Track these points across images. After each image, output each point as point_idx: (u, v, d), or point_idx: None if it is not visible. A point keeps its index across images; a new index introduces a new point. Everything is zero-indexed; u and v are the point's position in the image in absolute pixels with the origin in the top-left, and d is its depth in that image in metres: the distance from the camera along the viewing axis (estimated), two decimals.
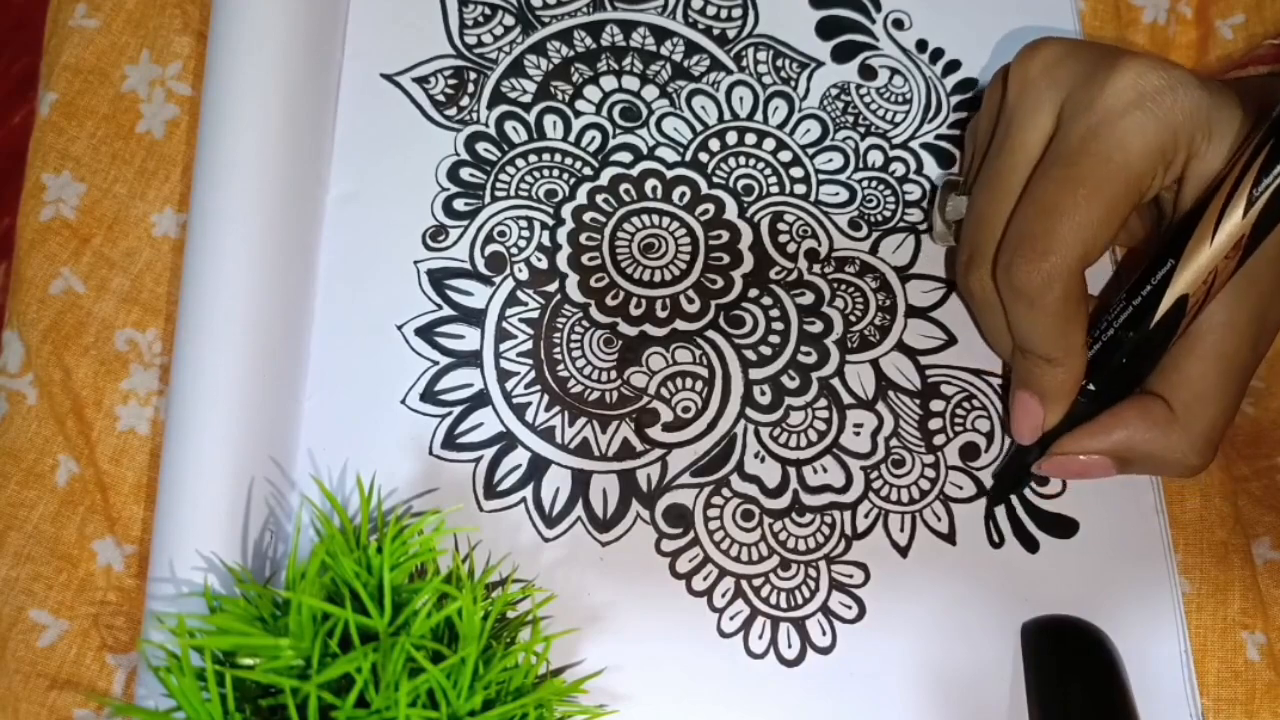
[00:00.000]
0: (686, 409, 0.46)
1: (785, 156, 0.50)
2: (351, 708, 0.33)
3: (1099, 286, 0.48)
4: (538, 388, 0.46)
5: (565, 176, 0.49)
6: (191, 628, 0.35)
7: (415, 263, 0.48)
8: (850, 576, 0.45)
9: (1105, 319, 0.42)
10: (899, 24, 0.53)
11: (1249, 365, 0.41)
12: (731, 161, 0.50)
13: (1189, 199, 0.41)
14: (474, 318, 0.47)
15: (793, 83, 0.51)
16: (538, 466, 0.45)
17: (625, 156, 0.50)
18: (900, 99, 0.52)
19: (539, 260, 0.48)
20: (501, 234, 0.48)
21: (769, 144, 0.50)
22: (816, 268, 0.48)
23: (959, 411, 0.47)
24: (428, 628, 0.35)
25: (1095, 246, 0.39)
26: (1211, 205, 0.39)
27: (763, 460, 0.46)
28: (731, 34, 0.52)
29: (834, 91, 0.51)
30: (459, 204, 0.48)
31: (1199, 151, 0.40)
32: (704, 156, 0.50)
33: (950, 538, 0.45)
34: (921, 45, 0.53)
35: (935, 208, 0.48)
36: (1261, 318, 0.41)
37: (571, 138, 0.50)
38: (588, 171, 0.49)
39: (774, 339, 0.47)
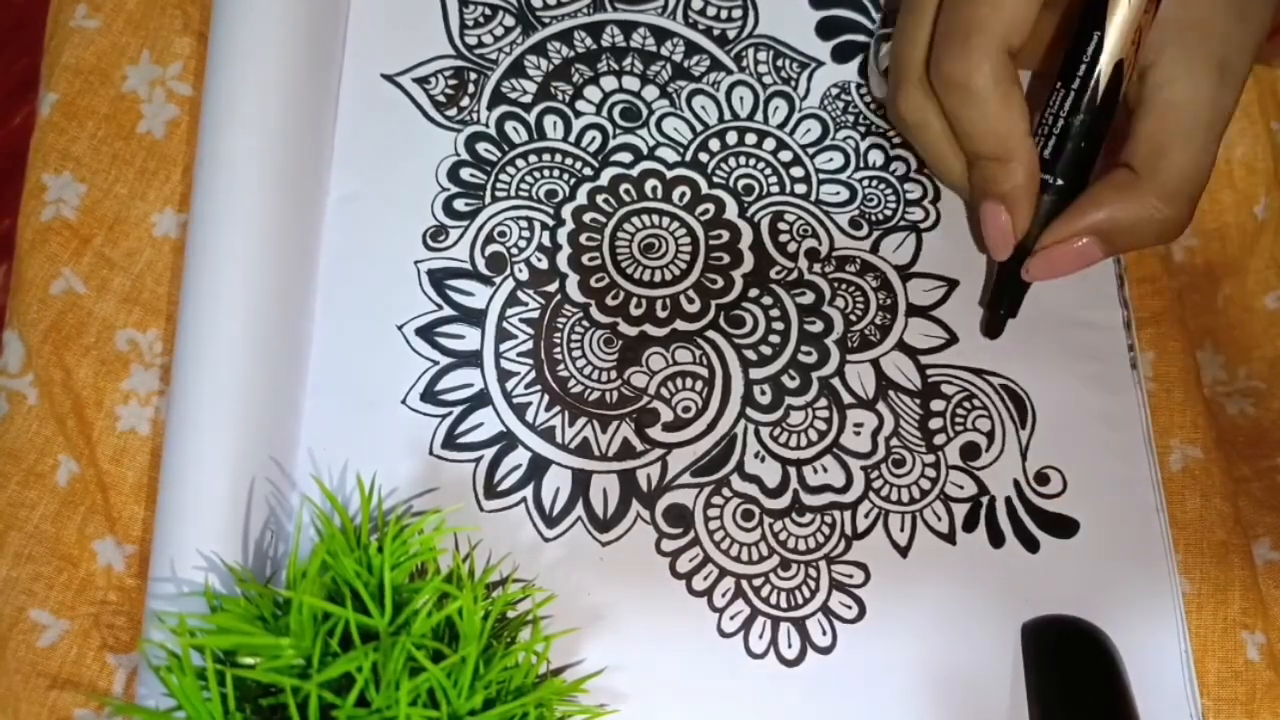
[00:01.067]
0: (687, 409, 0.46)
1: (786, 156, 0.50)
2: (352, 707, 0.33)
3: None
4: (538, 388, 0.46)
5: (565, 177, 0.49)
6: (192, 627, 0.35)
7: (416, 263, 0.48)
8: (850, 576, 0.45)
9: (1049, 111, 0.43)
10: None
11: (1212, 113, 0.41)
12: (732, 161, 0.50)
13: None
14: (474, 318, 0.47)
15: (793, 82, 0.51)
16: (538, 466, 0.45)
17: (625, 157, 0.50)
18: None
19: (539, 260, 0.48)
20: (502, 234, 0.48)
21: (769, 144, 0.50)
22: (817, 267, 0.48)
23: (959, 411, 0.47)
24: (428, 627, 0.35)
25: (1016, 23, 0.40)
26: None
27: (763, 460, 0.46)
28: (731, 34, 0.52)
29: (834, 91, 0.51)
30: (459, 204, 0.49)
31: None
32: (704, 156, 0.50)
33: (950, 538, 0.45)
34: None
35: (871, 60, 0.49)
36: (1219, 64, 0.41)
37: (572, 138, 0.50)
38: (588, 172, 0.49)
39: (774, 339, 0.47)
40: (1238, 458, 0.49)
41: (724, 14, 0.52)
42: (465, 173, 0.49)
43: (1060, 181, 0.43)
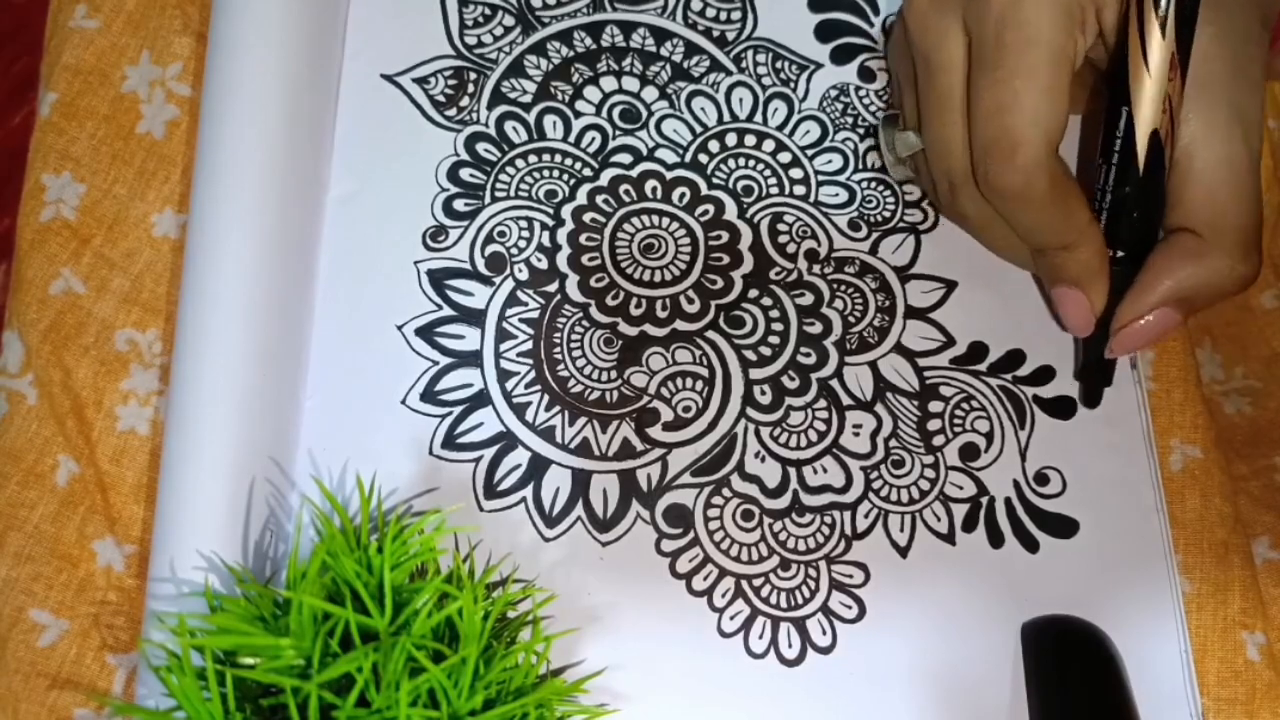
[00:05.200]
0: (687, 408, 0.46)
1: (785, 158, 0.50)
2: (352, 707, 0.33)
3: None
4: (538, 387, 0.46)
5: (565, 177, 0.49)
6: (192, 627, 0.35)
7: (415, 263, 0.48)
8: (850, 576, 0.45)
9: (1097, 187, 0.43)
10: None
11: (1248, 160, 0.41)
12: (731, 163, 0.50)
13: (1114, 45, 0.42)
14: (474, 318, 0.47)
15: (792, 84, 0.51)
16: (538, 466, 0.45)
17: (625, 158, 0.50)
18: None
19: (539, 260, 0.48)
20: (501, 234, 0.48)
21: (768, 145, 0.50)
22: (816, 268, 0.48)
23: (958, 412, 0.47)
24: (428, 627, 0.35)
25: (1054, 126, 0.40)
26: (1130, 41, 0.40)
27: (763, 460, 0.46)
28: (731, 36, 0.52)
29: (833, 93, 0.51)
30: (459, 204, 0.49)
31: (1104, 1, 0.41)
32: (703, 158, 0.50)
33: (950, 538, 0.45)
34: None
35: (883, 147, 0.49)
36: (1238, 111, 0.41)
37: (571, 138, 0.50)
38: (588, 172, 0.49)
39: (774, 339, 0.47)
40: (1235, 457, 0.49)
41: (723, 15, 0.52)
42: (465, 173, 0.49)
43: (1121, 253, 0.43)
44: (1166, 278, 0.42)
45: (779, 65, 0.52)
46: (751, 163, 0.50)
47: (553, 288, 0.48)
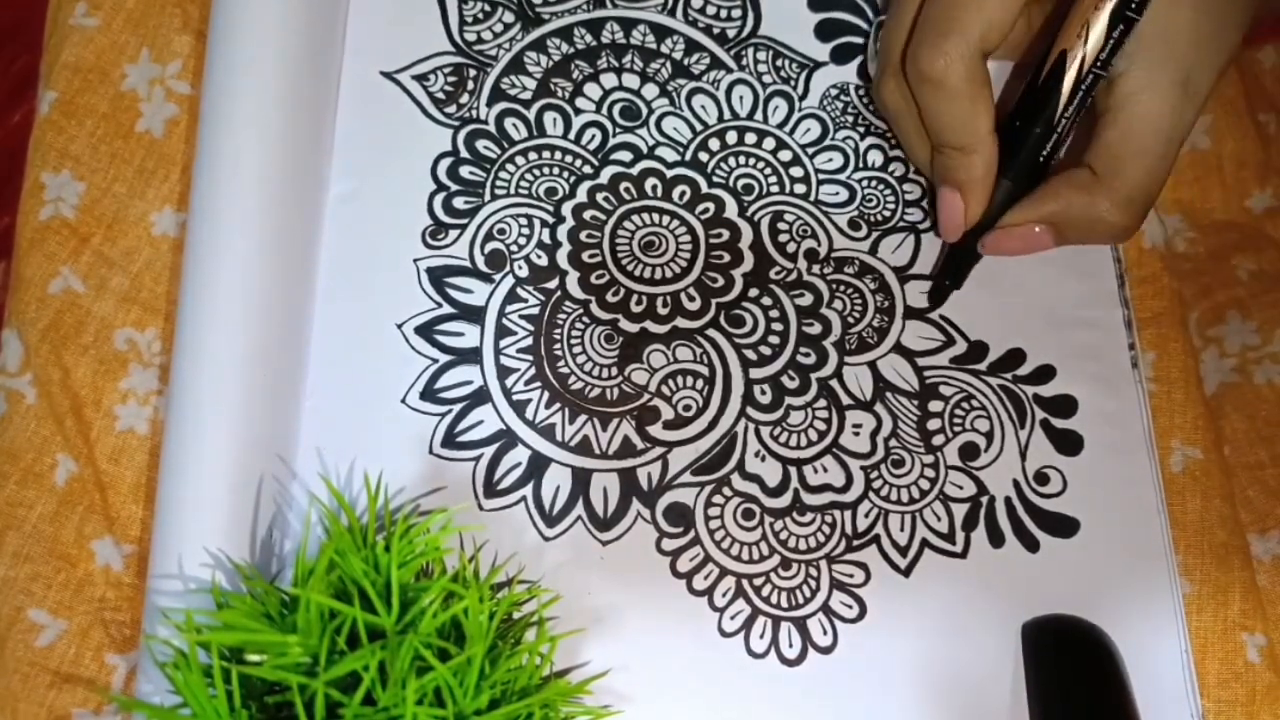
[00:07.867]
0: (687, 407, 0.46)
1: (785, 156, 0.50)
2: (359, 705, 0.33)
3: None
4: (538, 384, 0.46)
5: (565, 174, 0.49)
6: (198, 624, 0.35)
7: (415, 261, 0.48)
8: (851, 576, 0.45)
9: (1010, 114, 0.45)
10: None
11: (1171, 129, 0.43)
12: (731, 161, 0.50)
13: None
14: (474, 315, 0.47)
15: (792, 82, 0.51)
16: (538, 465, 0.45)
17: (625, 155, 0.50)
18: None
19: (539, 257, 0.48)
20: (501, 231, 0.48)
21: (769, 143, 0.50)
22: (816, 268, 0.49)
23: (957, 412, 0.47)
24: (435, 626, 0.35)
25: (994, 28, 0.42)
26: None
27: (763, 459, 0.46)
28: (731, 34, 0.52)
29: (834, 91, 0.51)
30: (459, 202, 0.48)
31: None
32: (704, 156, 0.50)
33: (950, 537, 0.45)
34: None
35: (870, 46, 0.52)
36: (1183, 81, 0.42)
37: (571, 135, 0.50)
38: (588, 170, 0.49)
39: (774, 339, 0.47)
40: (1256, 439, 0.49)
41: (724, 13, 0.52)
42: (465, 170, 0.49)
43: (1009, 181, 0.45)
44: (1052, 200, 0.44)
45: (780, 63, 0.52)
46: (752, 161, 0.50)
47: (553, 284, 0.47)
